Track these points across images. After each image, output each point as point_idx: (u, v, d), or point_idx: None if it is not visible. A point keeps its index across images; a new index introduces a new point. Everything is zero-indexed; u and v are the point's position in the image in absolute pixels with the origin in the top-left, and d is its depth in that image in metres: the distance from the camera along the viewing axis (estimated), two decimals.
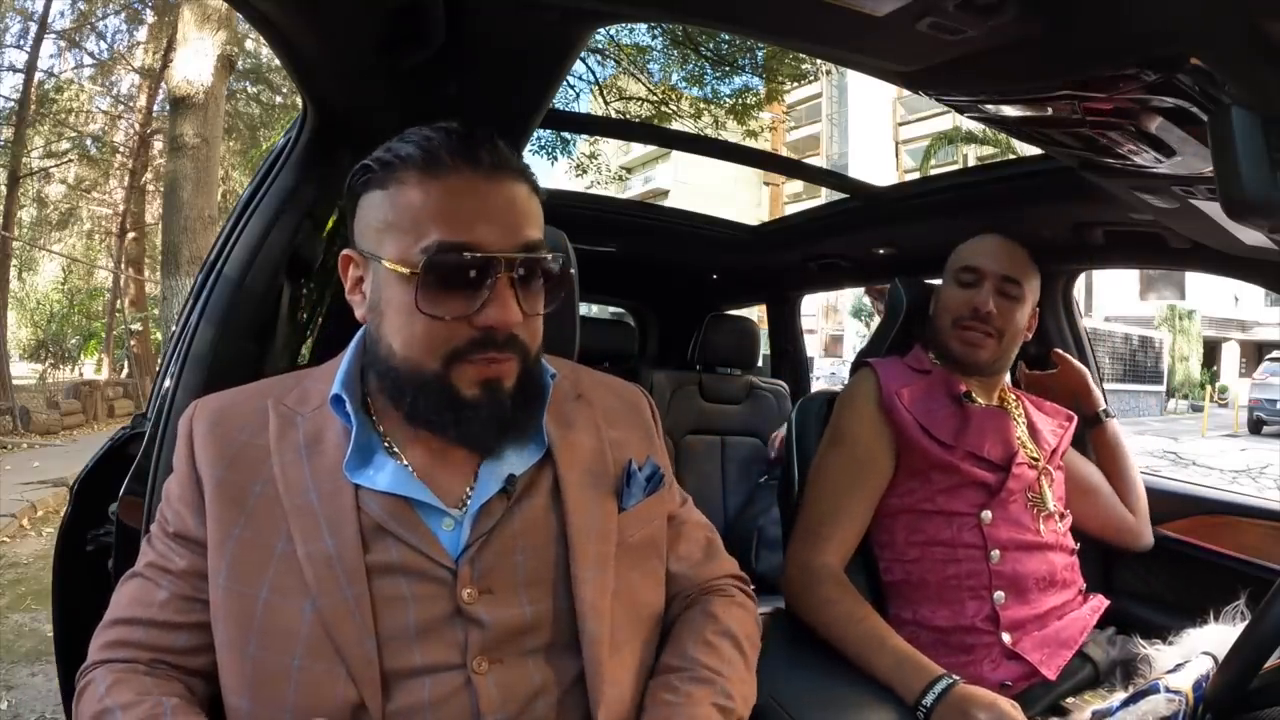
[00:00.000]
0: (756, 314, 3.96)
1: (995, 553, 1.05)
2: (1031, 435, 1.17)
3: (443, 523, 0.61)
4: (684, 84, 8.12)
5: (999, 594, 1.04)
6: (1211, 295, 16.65)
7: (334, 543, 0.58)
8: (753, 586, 0.81)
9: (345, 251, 0.64)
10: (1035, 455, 1.13)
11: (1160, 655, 0.96)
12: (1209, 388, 16.54)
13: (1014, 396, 1.22)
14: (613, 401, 0.74)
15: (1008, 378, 1.27)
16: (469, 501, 0.62)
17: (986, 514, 1.06)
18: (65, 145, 10.61)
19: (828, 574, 1.04)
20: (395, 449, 0.64)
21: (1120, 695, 0.87)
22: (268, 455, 0.62)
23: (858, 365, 1.24)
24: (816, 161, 18.21)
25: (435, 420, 0.61)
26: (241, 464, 0.62)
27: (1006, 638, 1.03)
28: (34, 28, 9.24)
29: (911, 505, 1.09)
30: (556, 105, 1.17)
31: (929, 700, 0.85)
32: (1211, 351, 18.32)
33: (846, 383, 1.21)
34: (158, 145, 10.05)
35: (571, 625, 0.61)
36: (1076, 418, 1.24)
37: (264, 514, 0.60)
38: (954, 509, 1.07)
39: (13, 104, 9.22)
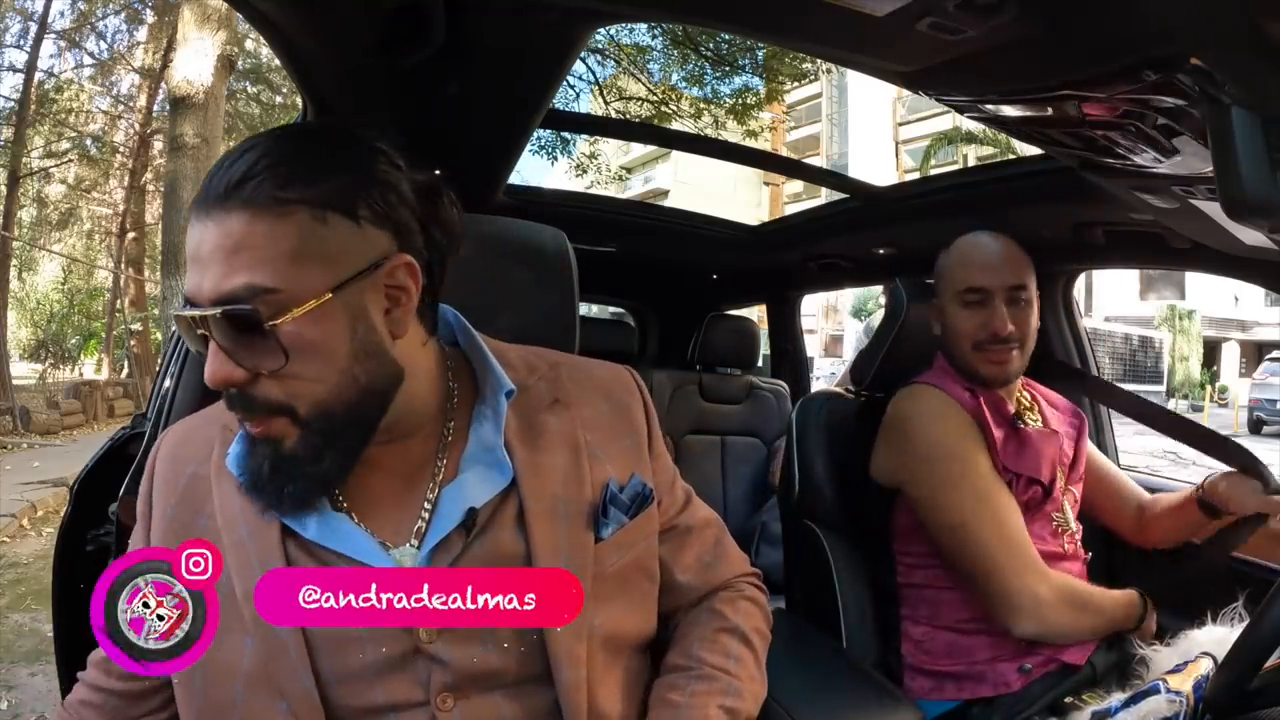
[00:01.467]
0: (756, 314, 3.96)
1: None
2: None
3: (390, 561, 0.57)
4: (684, 84, 8.12)
5: None
6: (1211, 295, 16.62)
7: None
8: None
9: None
10: (1063, 473, 1.14)
11: (1159, 656, 0.96)
12: (1209, 388, 16.53)
13: (1029, 396, 1.21)
14: (598, 404, 0.66)
15: None
16: (425, 535, 0.58)
17: None
18: (65, 145, 10.61)
19: (1062, 591, 1.03)
20: None
21: (1119, 696, 0.87)
22: (210, 484, 0.60)
23: (864, 372, 1.23)
24: (816, 161, 18.19)
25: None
26: (190, 496, 0.60)
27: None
28: (34, 28, 9.25)
29: None
30: (556, 105, 1.17)
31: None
32: (1211, 351, 18.30)
33: (913, 404, 1.14)
34: (158, 145, 10.05)
35: (542, 661, 0.57)
36: (1086, 418, 1.24)
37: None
38: None
39: (13, 104, 9.23)
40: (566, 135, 7.64)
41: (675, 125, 7.46)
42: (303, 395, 0.53)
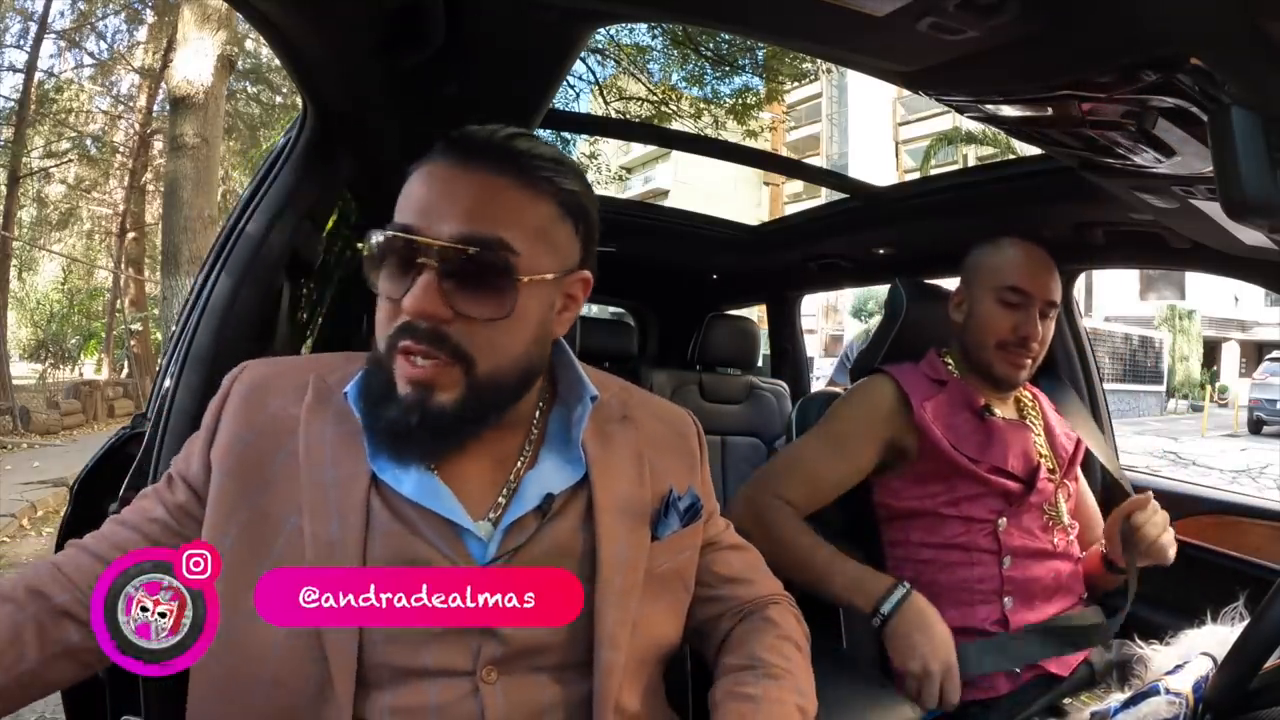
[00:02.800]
0: (756, 314, 3.96)
1: (1008, 558, 1.06)
2: (1049, 440, 1.17)
3: (470, 533, 0.60)
4: (684, 84, 8.12)
5: (1008, 599, 1.06)
6: (1211, 295, 16.64)
7: (338, 529, 0.58)
8: None
9: None
10: (1053, 466, 1.14)
11: (1158, 656, 0.96)
12: (1209, 388, 16.53)
13: (1029, 395, 1.22)
14: (659, 427, 0.73)
15: None
16: (503, 514, 0.61)
17: (1003, 521, 1.08)
18: (65, 145, 10.61)
19: (783, 511, 1.06)
20: None
21: (1118, 696, 0.87)
22: (297, 426, 0.61)
23: (866, 370, 1.23)
24: (816, 161, 18.19)
25: (376, 403, 0.59)
26: (271, 431, 0.61)
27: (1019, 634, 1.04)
28: (34, 28, 9.25)
29: (932, 508, 1.10)
30: (556, 105, 1.17)
31: (887, 607, 0.96)
32: (1211, 351, 18.30)
33: (856, 384, 1.20)
34: (158, 145, 10.05)
35: (586, 649, 0.61)
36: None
37: (284, 483, 0.59)
38: (973, 514, 1.08)
39: (13, 104, 9.22)
40: (566, 135, 7.64)
41: (675, 125, 7.46)
42: (490, 353, 0.57)
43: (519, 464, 0.64)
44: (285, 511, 0.59)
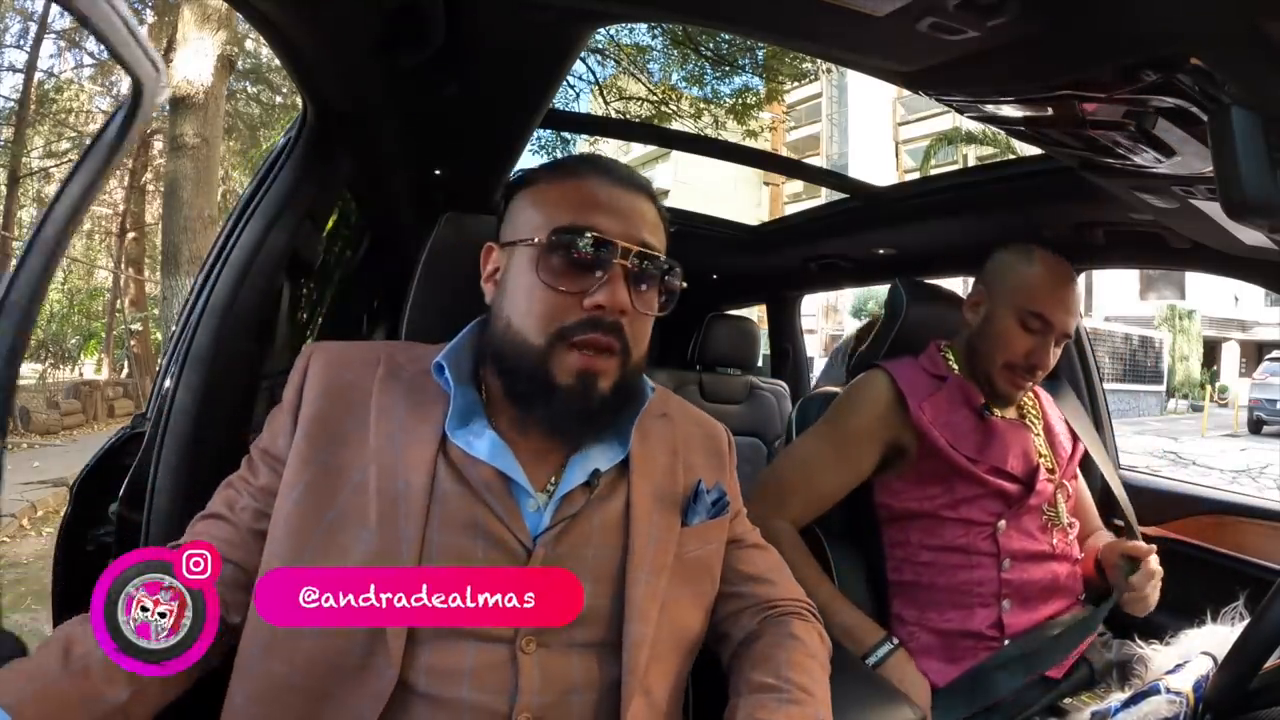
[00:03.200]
0: (756, 314, 3.96)
1: (1007, 561, 1.06)
2: (1048, 439, 1.17)
3: (528, 502, 0.64)
4: (684, 84, 8.11)
5: (1006, 602, 1.05)
6: (1211, 295, 16.64)
7: (404, 485, 0.61)
8: None
9: (487, 244, 0.72)
10: (1052, 466, 1.14)
11: (1158, 655, 0.96)
12: (1209, 388, 16.52)
13: (1031, 394, 1.22)
14: (694, 429, 0.78)
15: None
16: (555, 487, 0.66)
17: (1002, 524, 1.07)
18: (65, 145, 10.60)
19: (787, 535, 1.06)
20: (495, 423, 0.67)
21: (1118, 695, 0.87)
22: (370, 396, 0.66)
23: (863, 366, 1.23)
24: (816, 161, 18.17)
25: (526, 396, 0.65)
26: (344, 399, 0.66)
27: (1008, 645, 1.04)
28: (34, 28, 9.25)
29: (932, 510, 1.09)
30: (556, 105, 1.17)
31: (874, 659, 1.01)
32: (1211, 351, 18.30)
33: (850, 386, 1.20)
34: (158, 145, 10.05)
35: (619, 629, 0.64)
36: (1088, 415, 1.25)
37: (354, 446, 0.64)
38: (973, 517, 1.08)
39: (13, 104, 9.22)
40: (566, 135, 7.63)
41: (675, 125, 7.45)
42: (637, 345, 0.67)
43: (569, 449, 0.69)
44: (352, 470, 0.63)
